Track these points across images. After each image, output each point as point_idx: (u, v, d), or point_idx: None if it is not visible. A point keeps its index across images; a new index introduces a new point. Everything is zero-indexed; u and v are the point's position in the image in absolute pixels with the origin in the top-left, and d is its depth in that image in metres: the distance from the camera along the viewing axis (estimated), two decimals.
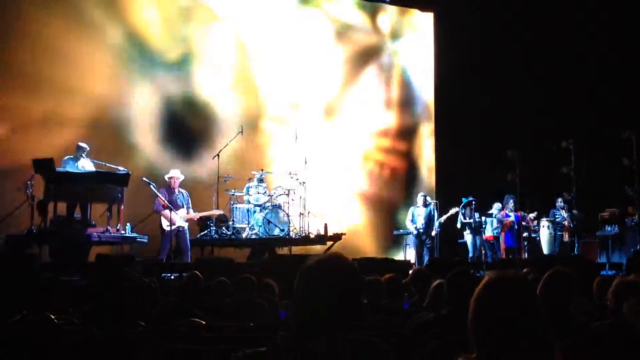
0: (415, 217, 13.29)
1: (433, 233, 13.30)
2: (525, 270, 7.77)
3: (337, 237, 12.89)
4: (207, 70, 13.95)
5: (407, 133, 16.15)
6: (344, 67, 15.50)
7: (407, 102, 16.15)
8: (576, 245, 14.14)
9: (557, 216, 14.06)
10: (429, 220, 13.22)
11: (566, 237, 14.06)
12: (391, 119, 15.98)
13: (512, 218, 13.71)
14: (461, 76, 15.60)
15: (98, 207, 10.78)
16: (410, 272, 7.04)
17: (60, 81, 12.46)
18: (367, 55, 15.81)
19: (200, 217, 11.41)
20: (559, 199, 14.10)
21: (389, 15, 16.08)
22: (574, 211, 13.99)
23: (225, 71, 14.20)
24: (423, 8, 16.26)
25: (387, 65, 16.05)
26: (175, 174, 11.06)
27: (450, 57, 15.93)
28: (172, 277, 9.41)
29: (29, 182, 10.18)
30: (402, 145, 16.04)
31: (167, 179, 11.07)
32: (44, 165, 10.29)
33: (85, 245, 10.44)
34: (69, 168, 10.59)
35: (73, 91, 12.55)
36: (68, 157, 10.79)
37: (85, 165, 10.82)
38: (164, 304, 5.35)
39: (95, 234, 10.42)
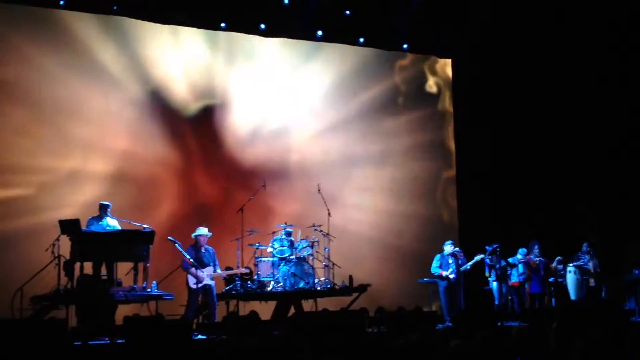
0: (443, 265, 13.14)
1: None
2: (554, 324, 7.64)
3: (362, 287, 12.78)
4: (229, 123, 14.12)
5: (428, 180, 16.04)
6: (364, 117, 15.50)
7: (427, 148, 16.06)
8: (603, 289, 13.94)
9: (582, 261, 13.93)
10: (457, 268, 13.10)
11: (592, 282, 13.90)
12: (414, 166, 15.92)
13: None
14: (481, 121, 15.63)
15: (124, 264, 10.76)
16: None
17: (84, 138, 12.65)
18: (388, 103, 15.83)
19: (227, 275, 11.36)
20: (585, 244, 13.99)
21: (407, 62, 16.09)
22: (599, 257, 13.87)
23: (246, 124, 14.36)
24: (441, 55, 16.27)
25: (408, 112, 15.99)
26: (203, 232, 11.02)
27: (470, 103, 15.95)
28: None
29: (55, 243, 10.22)
30: (425, 193, 15.94)
31: (193, 237, 11.03)
32: (70, 226, 10.36)
33: (112, 305, 10.45)
34: (93, 228, 10.64)
35: (97, 148, 12.74)
36: (91, 217, 10.84)
37: (110, 223, 10.85)
38: None
39: (121, 292, 10.40)
